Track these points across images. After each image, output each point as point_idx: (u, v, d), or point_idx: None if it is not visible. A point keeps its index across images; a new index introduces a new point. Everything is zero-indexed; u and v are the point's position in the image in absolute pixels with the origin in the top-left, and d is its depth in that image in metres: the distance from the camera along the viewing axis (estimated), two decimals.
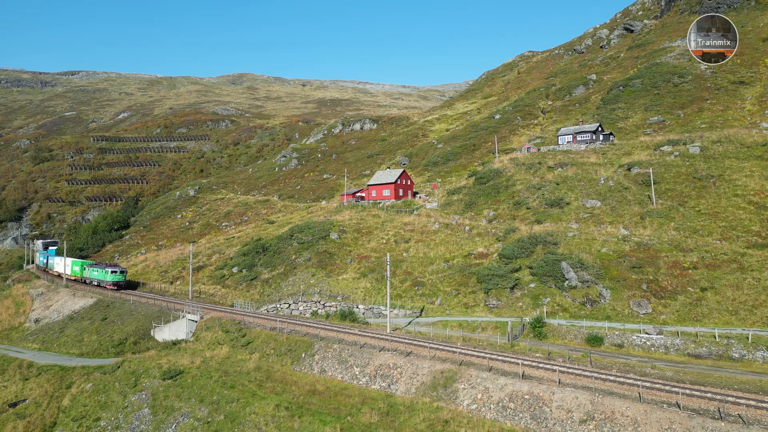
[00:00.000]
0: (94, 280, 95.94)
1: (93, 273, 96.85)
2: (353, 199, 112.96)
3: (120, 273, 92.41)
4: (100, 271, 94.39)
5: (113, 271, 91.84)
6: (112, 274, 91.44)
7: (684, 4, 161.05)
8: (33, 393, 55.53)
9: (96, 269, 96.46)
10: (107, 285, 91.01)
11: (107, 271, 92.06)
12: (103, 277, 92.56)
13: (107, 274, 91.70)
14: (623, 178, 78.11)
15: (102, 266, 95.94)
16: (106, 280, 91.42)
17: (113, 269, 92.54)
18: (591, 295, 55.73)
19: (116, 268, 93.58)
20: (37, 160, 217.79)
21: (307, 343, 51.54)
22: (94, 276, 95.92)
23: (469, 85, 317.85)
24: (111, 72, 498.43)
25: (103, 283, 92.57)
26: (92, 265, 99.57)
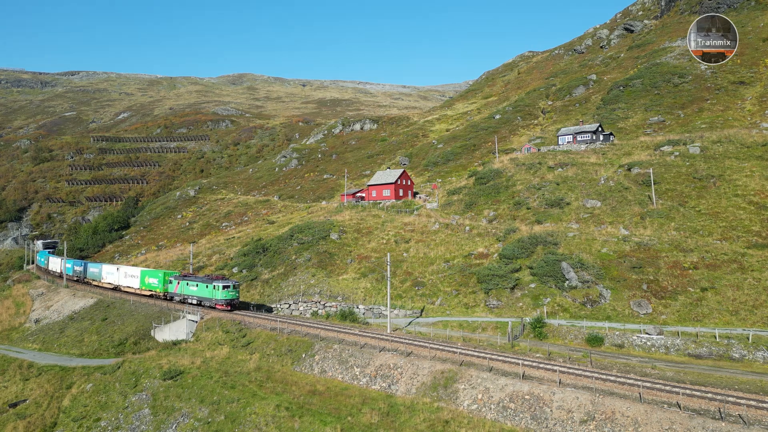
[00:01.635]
0: (190, 297, 72.54)
1: (189, 288, 72.81)
2: (353, 199, 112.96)
3: (233, 288, 68.51)
4: (204, 286, 70.03)
5: (225, 286, 67.54)
6: (224, 290, 67.35)
7: (684, 4, 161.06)
8: (33, 393, 55.55)
9: (195, 283, 72.10)
10: (217, 305, 67.74)
11: (217, 287, 67.76)
12: (209, 294, 68.97)
13: (217, 291, 67.67)
14: (623, 178, 78.11)
15: (206, 280, 70.78)
16: (216, 299, 67.89)
17: (225, 283, 67.85)
18: (591, 296, 55.72)
19: (228, 281, 68.95)
20: (37, 161, 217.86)
21: (308, 344, 51.54)
22: (192, 292, 72.21)
23: (469, 85, 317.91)
24: (111, 72, 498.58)
25: (208, 302, 69.37)
26: (184, 278, 75.20)
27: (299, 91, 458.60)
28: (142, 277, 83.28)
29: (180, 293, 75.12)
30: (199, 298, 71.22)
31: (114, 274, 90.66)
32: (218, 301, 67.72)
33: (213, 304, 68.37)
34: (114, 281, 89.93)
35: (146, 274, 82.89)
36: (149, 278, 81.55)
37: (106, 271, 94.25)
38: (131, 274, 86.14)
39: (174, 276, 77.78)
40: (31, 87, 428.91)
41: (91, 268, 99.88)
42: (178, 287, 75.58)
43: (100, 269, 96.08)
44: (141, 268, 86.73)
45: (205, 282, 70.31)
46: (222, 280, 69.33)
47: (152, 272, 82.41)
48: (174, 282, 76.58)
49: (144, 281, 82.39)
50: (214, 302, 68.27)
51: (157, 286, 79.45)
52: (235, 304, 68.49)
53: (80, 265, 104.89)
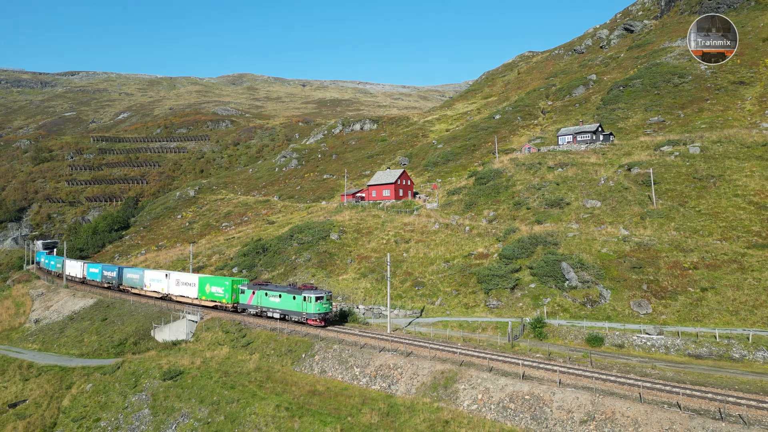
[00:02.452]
0: (270, 309, 60.85)
1: (269, 300, 60.95)
2: (353, 199, 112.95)
3: (327, 300, 57.11)
4: (291, 297, 58.03)
5: (318, 298, 55.96)
6: (318, 303, 55.89)
7: (684, 4, 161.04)
8: (33, 393, 55.53)
9: (276, 293, 60.22)
10: (309, 320, 56.45)
11: (309, 299, 56.09)
12: (297, 308, 57.39)
13: (309, 303, 56.11)
14: (623, 178, 78.09)
15: (291, 290, 58.84)
16: (307, 312, 56.39)
17: (317, 294, 56.25)
18: (591, 296, 55.71)
19: (320, 292, 57.11)
20: (37, 161, 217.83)
21: (307, 344, 51.52)
22: (273, 304, 60.31)
23: (469, 85, 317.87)
24: (111, 72, 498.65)
25: (295, 317, 57.85)
26: (260, 286, 63.42)
27: (299, 91, 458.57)
28: (201, 285, 71.22)
29: (256, 305, 63.09)
30: (282, 312, 59.77)
31: (161, 281, 79.04)
32: (310, 315, 56.19)
33: (302, 319, 57.29)
34: (161, 289, 78.72)
35: (207, 282, 70.94)
36: (212, 287, 69.55)
37: (150, 277, 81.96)
38: (186, 281, 74.58)
39: (246, 284, 66.07)
40: (31, 87, 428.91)
41: (128, 274, 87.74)
42: (253, 298, 63.67)
43: (142, 275, 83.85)
44: (200, 275, 74.47)
45: (291, 292, 58.59)
46: (313, 291, 57.47)
47: (216, 279, 70.74)
48: (247, 292, 64.73)
49: (204, 290, 70.47)
50: (304, 317, 56.91)
51: (222, 296, 68.16)
52: (329, 319, 57.26)
53: (112, 270, 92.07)
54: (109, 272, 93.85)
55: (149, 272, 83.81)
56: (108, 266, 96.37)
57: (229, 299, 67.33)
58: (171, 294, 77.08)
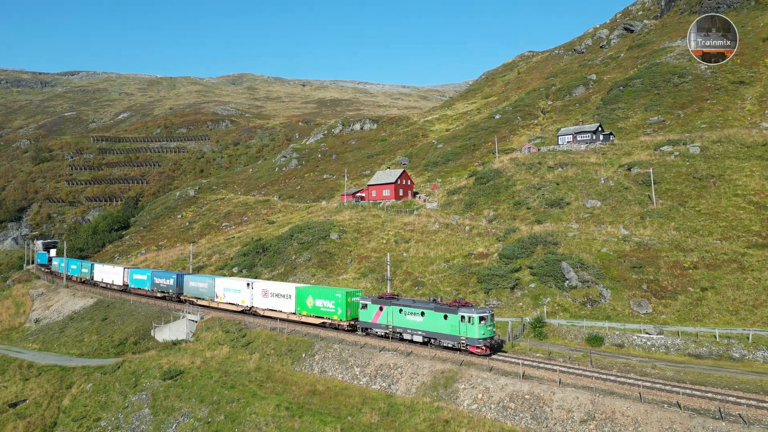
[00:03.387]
0: (408, 331, 47.80)
1: (407, 319, 47.97)
2: (353, 199, 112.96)
3: (491, 320, 44.15)
4: (441, 316, 45.27)
5: (482, 318, 43.09)
6: (482, 324, 43.09)
7: (684, 4, 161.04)
8: (33, 393, 55.55)
9: (417, 310, 47.30)
10: (471, 347, 43.41)
11: (471, 320, 43.19)
12: (452, 330, 44.50)
13: (471, 326, 43.18)
14: (623, 178, 78.11)
15: (439, 307, 46.08)
16: (468, 337, 43.45)
17: (480, 313, 43.28)
18: (591, 295, 55.73)
19: (482, 310, 44.26)
20: (37, 161, 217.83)
21: (308, 343, 51.54)
22: (414, 325, 47.37)
23: (469, 85, 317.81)
24: (111, 72, 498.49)
25: (448, 341, 44.92)
26: (390, 300, 50.16)
27: (299, 91, 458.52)
28: (301, 296, 58.07)
29: (385, 324, 49.83)
30: (426, 334, 46.66)
31: (240, 291, 65.62)
32: (472, 341, 43.33)
33: (459, 346, 44.25)
34: (240, 301, 65.51)
35: (309, 293, 57.12)
36: (316, 299, 56.34)
37: (223, 286, 68.34)
38: (278, 291, 61.03)
39: (368, 298, 52.48)
40: (31, 87, 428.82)
41: (192, 282, 74.17)
42: (380, 315, 50.43)
43: (212, 284, 70.15)
44: (297, 284, 61.63)
45: (441, 310, 45.92)
46: (473, 308, 44.53)
47: (322, 290, 57.09)
48: (371, 307, 51.23)
49: (305, 303, 57.46)
50: (462, 343, 43.95)
51: (331, 312, 54.75)
52: (494, 345, 44.87)
53: (167, 276, 78.91)
54: (162, 279, 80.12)
55: (223, 280, 69.65)
56: (160, 272, 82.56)
57: (343, 315, 53.83)
58: (256, 307, 63.51)
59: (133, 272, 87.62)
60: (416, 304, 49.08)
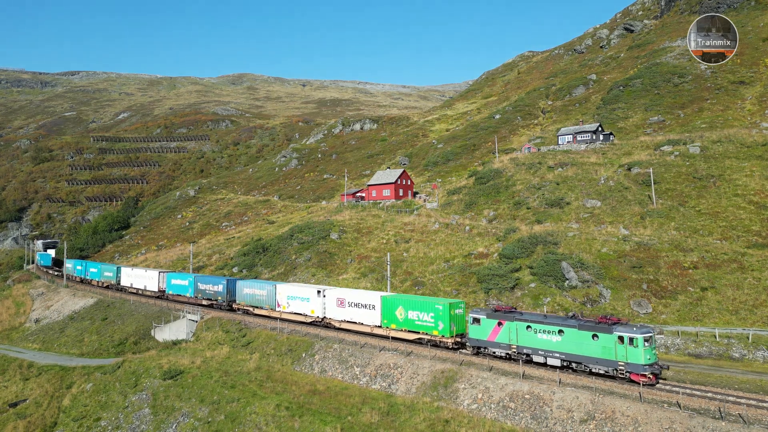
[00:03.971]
0: (541, 353, 40.26)
1: (537, 338, 40.62)
2: (353, 199, 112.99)
3: (654, 341, 37.28)
4: (590, 336, 37.87)
5: (647, 339, 35.94)
6: (648, 347, 35.85)
7: (684, 4, 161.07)
8: (33, 393, 55.58)
9: (553, 328, 39.83)
10: (633, 374, 35.91)
11: (633, 341, 35.88)
12: (603, 354, 37.25)
13: (632, 349, 35.86)
14: (623, 178, 78.12)
15: (584, 325, 38.64)
16: (630, 362, 35.99)
17: (645, 332, 36.17)
18: (591, 295, 55.75)
19: (644, 329, 36.91)
20: (37, 161, 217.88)
21: (308, 343, 51.55)
22: (547, 345, 39.99)
23: (469, 85, 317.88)
24: (111, 72, 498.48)
25: (595, 366, 37.74)
26: (512, 315, 42.25)
27: (299, 91, 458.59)
28: (388, 307, 49.77)
29: (506, 343, 41.71)
30: (567, 358, 39.07)
31: (309, 300, 57.30)
32: (634, 367, 35.73)
33: (619, 373, 36.65)
34: (309, 311, 57.29)
35: (399, 304, 48.84)
36: (409, 311, 48.05)
37: (287, 293, 60.21)
38: (359, 301, 52.60)
39: (482, 311, 43.88)
40: (31, 87, 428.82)
41: (248, 288, 65.36)
42: (499, 332, 42.07)
43: (272, 292, 61.59)
44: (383, 293, 53.39)
45: (587, 328, 38.20)
46: (634, 328, 36.80)
47: (417, 301, 48.13)
48: (486, 322, 42.78)
49: (393, 315, 49.16)
50: (622, 369, 36.40)
51: (431, 326, 46.52)
52: (659, 372, 36.14)
53: (215, 282, 70.16)
54: (208, 285, 70.76)
55: (287, 287, 60.80)
56: (206, 277, 73.07)
57: (447, 331, 45.30)
58: (330, 319, 54.86)
59: (172, 277, 78.59)
60: (550, 320, 40.77)
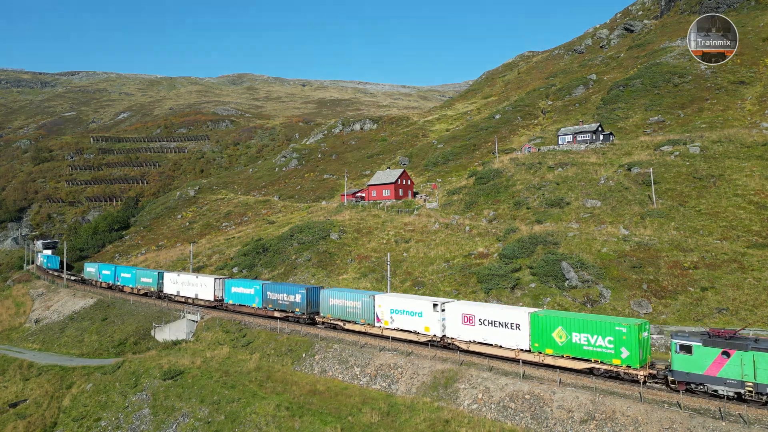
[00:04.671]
0: None
1: None
2: (353, 199, 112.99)
3: None
4: None
5: None
6: None
7: (684, 4, 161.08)
8: (33, 393, 55.57)
9: None
10: None
11: None
12: None
13: None
14: (623, 178, 78.12)
15: None
16: None
17: None
18: (591, 295, 55.75)
19: None
20: (37, 161, 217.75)
21: (308, 343, 51.55)
22: None
23: (469, 85, 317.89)
24: (111, 72, 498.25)
25: None
26: (743, 342, 32.43)
27: (299, 91, 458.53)
28: (541, 327, 40.17)
29: (738, 380, 32.17)
30: None
31: (424, 315, 47.33)
32: None
33: None
34: (423, 328, 47.41)
35: (560, 324, 39.27)
36: (574, 333, 38.37)
37: (392, 306, 49.98)
38: (496, 319, 42.78)
39: (698, 337, 34.33)
40: (31, 87, 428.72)
41: (335, 299, 55.04)
42: (724, 365, 32.65)
43: (370, 303, 51.73)
44: (532, 310, 43.40)
45: None
46: None
47: (584, 321, 38.48)
48: (704, 351, 33.35)
49: (549, 337, 39.70)
50: None
51: (609, 353, 36.91)
52: None
53: (293, 291, 59.17)
54: (282, 294, 60.48)
55: (389, 298, 51.09)
56: (279, 285, 62.90)
57: (634, 360, 35.77)
58: (452, 338, 45.67)
59: (232, 284, 67.44)
60: None
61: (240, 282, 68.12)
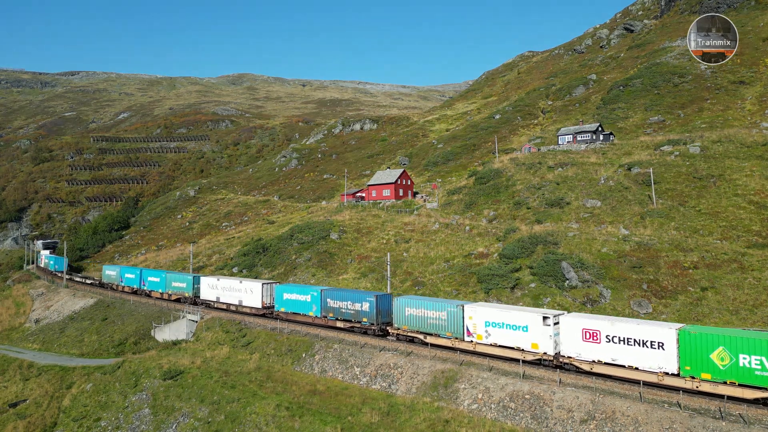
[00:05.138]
0: None
1: None
2: (353, 199, 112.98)
3: None
4: None
5: None
6: None
7: (684, 4, 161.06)
8: (33, 393, 55.56)
9: None
10: None
11: None
12: None
13: None
14: (623, 178, 78.11)
15: None
16: None
17: None
18: (591, 295, 55.74)
19: None
20: (37, 161, 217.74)
21: (308, 343, 51.54)
22: None
23: (469, 85, 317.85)
24: (111, 72, 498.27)
25: None
26: None
27: (299, 91, 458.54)
28: (693, 347, 34.22)
29: None
30: None
31: (530, 329, 41.23)
32: None
33: None
34: (528, 345, 41.23)
35: (720, 343, 33.35)
36: (746, 354, 32.27)
37: (486, 318, 43.55)
38: (627, 335, 36.98)
39: None
40: (31, 87, 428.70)
41: (413, 309, 48.16)
42: None
43: (457, 314, 45.22)
44: (680, 326, 36.91)
45: None
46: None
47: (754, 340, 32.20)
48: None
49: (708, 360, 33.55)
50: None
51: None
52: None
53: (359, 299, 52.28)
54: (346, 302, 53.25)
55: (482, 310, 44.02)
56: (339, 291, 55.70)
57: None
58: (569, 357, 39.30)
59: (283, 290, 60.95)
60: None
61: (293, 287, 61.63)
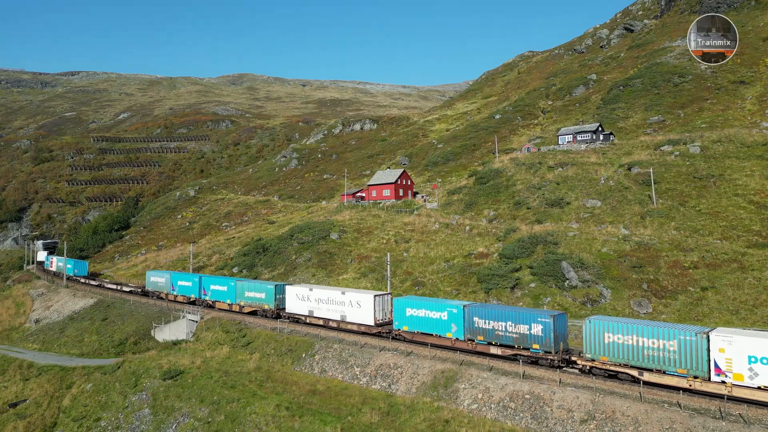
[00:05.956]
0: None
1: None
2: (353, 199, 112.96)
3: None
4: None
5: None
6: None
7: (684, 4, 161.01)
8: (33, 393, 55.55)
9: None
10: None
11: None
12: None
13: None
14: (623, 177, 78.09)
15: None
16: None
17: None
18: (591, 295, 55.72)
19: None
20: (38, 161, 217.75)
21: (308, 343, 51.52)
22: None
23: (469, 85, 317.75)
24: (111, 72, 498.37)
25: None
26: None
27: (299, 91, 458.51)
28: None
29: None
30: None
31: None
32: None
33: None
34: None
35: None
36: None
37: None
38: None
39: None
40: (31, 87, 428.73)
41: (614, 335, 36.43)
42: None
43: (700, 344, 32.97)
44: None
45: None
46: None
47: None
48: None
49: None
50: None
51: None
52: None
53: (525, 320, 40.23)
54: (503, 324, 41.48)
55: (742, 338, 32.24)
56: (490, 309, 43.17)
57: None
58: None
59: (406, 305, 47.70)
60: None
61: (421, 301, 47.64)
